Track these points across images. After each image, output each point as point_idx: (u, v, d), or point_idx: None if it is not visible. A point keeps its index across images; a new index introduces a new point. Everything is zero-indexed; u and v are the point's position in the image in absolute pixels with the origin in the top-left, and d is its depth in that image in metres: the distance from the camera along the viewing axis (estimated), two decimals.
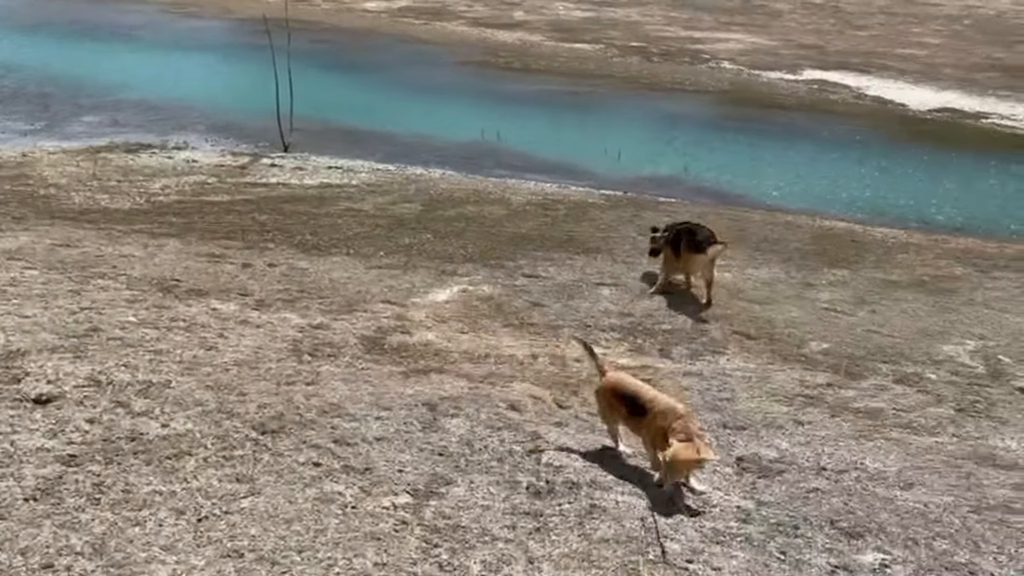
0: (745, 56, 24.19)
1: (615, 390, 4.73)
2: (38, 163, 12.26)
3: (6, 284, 6.65)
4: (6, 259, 7.46)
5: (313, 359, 5.81)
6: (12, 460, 3.97)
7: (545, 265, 9.00)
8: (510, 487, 4.22)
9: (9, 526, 3.47)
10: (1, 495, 3.67)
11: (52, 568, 3.26)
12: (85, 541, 3.43)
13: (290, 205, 11.00)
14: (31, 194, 10.61)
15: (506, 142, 15.77)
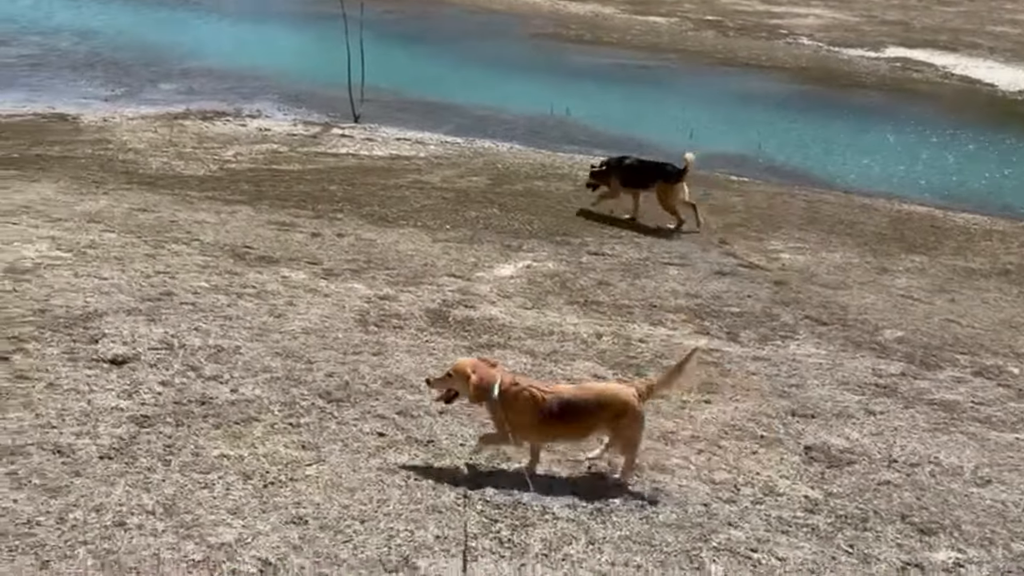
0: (825, 32, 23.48)
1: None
2: (118, 128, 12.57)
3: (86, 246, 6.85)
4: (87, 222, 7.68)
5: (379, 330, 5.85)
6: (89, 418, 4.08)
7: (611, 243, 8.90)
8: (571, 466, 4.20)
9: (85, 483, 3.58)
10: (78, 452, 3.79)
11: (124, 526, 3.35)
12: (156, 501, 3.52)
13: (359, 176, 11.08)
14: (111, 159, 10.89)
15: (575, 116, 15.61)
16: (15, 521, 3.29)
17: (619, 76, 19.26)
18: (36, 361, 4.60)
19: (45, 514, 3.34)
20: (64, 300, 5.54)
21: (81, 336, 5.00)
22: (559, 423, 4.01)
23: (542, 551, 3.51)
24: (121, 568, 3.12)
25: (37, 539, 3.20)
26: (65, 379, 4.43)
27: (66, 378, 4.44)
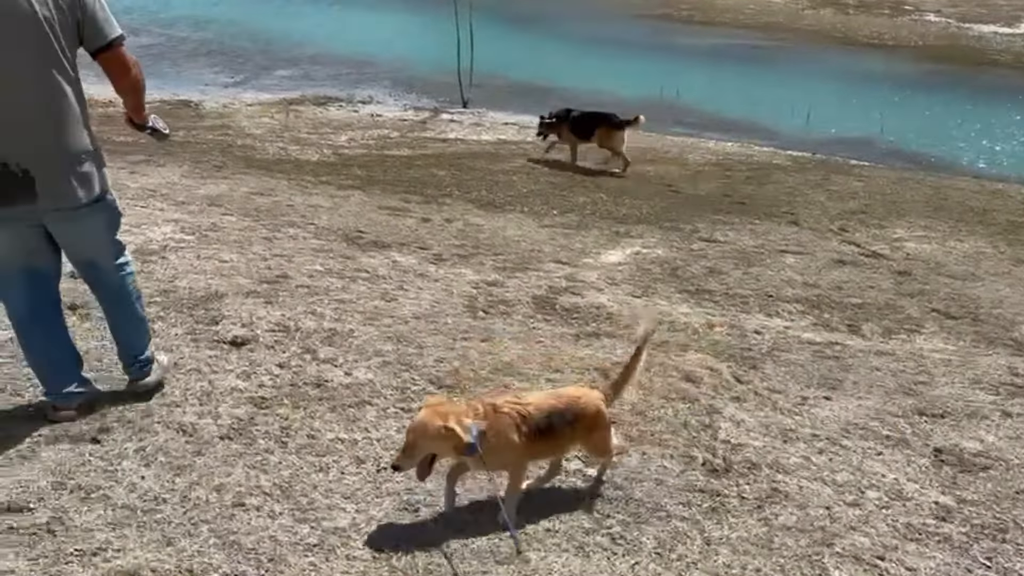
0: (953, 7, 22.19)
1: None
2: (237, 114, 13.02)
3: (207, 229, 7.09)
4: (208, 205, 7.96)
5: (487, 316, 5.83)
6: (210, 399, 4.21)
7: (724, 229, 8.65)
8: (685, 462, 4.07)
9: (206, 462, 3.68)
10: (200, 432, 3.91)
11: (243, 507, 3.43)
12: (273, 483, 3.59)
13: (467, 160, 11.14)
14: (230, 144, 11.29)
15: (685, 99, 15.28)
16: (143, 497, 3.41)
17: (731, 57, 18.74)
18: (161, 341, 4.77)
19: (170, 491, 3.46)
20: (187, 282, 5.74)
21: (203, 317, 5.17)
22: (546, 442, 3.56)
23: (655, 549, 3.41)
24: (240, 548, 3.19)
25: (163, 515, 3.32)
26: (188, 359, 4.58)
27: (189, 358, 4.59)
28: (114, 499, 3.37)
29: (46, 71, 3.32)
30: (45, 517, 3.22)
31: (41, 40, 3.28)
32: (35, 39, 3.27)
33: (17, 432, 3.74)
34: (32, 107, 3.34)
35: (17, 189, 3.36)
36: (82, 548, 3.09)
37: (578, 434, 3.65)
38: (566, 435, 3.62)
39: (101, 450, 3.68)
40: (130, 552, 3.09)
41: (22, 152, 3.33)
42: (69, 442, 3.70)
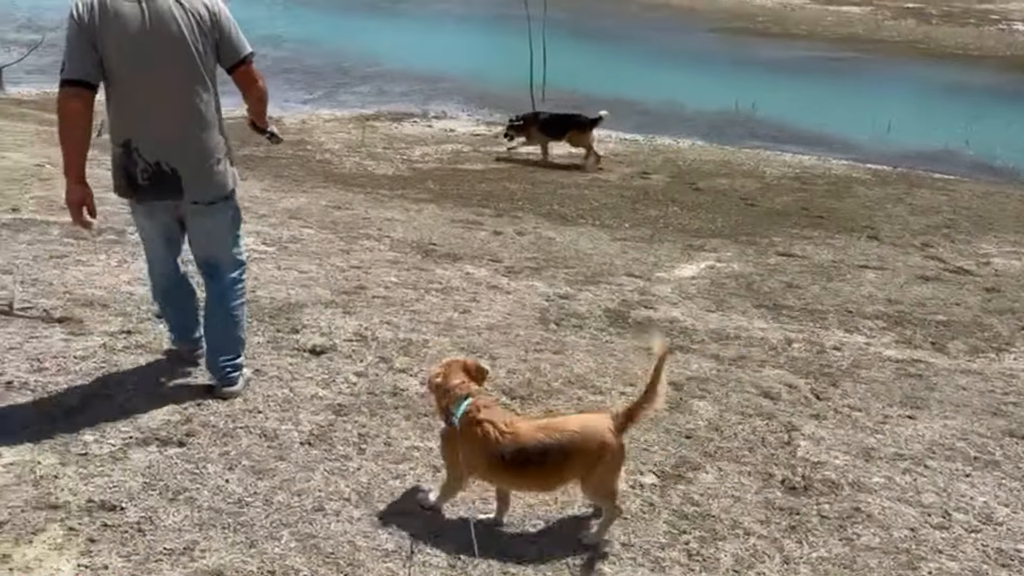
0: None
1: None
2: (315, 130, 13.34)
3: (288, 241, 7.27)
4: (288, 218, 8.17)
5: (559, 328, 5.84)
6: (291, 405, 4.31)
7: (801, 243, 8.49)
8: (763, 479, 4.00)
9: (287, 467, 3.77)
10: (282, 437, 4.00)
11: (323, 511, 3.50)
12: (352, 488, 3.66)
13: (539, 174, 11.19)
14: (309, 159, 11.57)
15: (761, 112, 15.07)
16: (228, 499, 3.51)
17: (809, 69, 18.42)
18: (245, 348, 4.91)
19: (253, 495, 3.55)
20: (268, 292, 5.89)
21: (284, 326, 5.30)
22: (511, 473, 3.31)
23: (734, 567, 3.35)
24: (320, 552, 3.26)
25: (247, 518, 3.40)
26: (270, 367, 4.70)
27: (271, 366, 4.71)
28: (200, 501, 3.47)
29: (192, 87, 3.85)
30: (136, 516, 3.34)
31: (189, 61, 3.82)
32: (184, 60, 3.81)
33: (109, 434, 3.89)
34: (180, 117, 3.87)
35: (167, 185, 3.90)
36: (171, 547, 3.19)
37: (573, 471, 3.30)
38: (553, 473, 3.29)
39: (187, 453, 3.80)
40: (215, 553, 3.18)
41: (171, 154, 3.87)
42: (157, 445, 3.83)
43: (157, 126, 3.83)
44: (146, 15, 3.71)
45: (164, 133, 3.85)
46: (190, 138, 3.89)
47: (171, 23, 3.75)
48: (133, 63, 3.73)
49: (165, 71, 3.79)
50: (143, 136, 3.84)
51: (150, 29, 3.72)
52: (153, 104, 3.81)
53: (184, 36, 3.77)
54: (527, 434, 3.27)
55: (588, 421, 3.36)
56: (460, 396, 3.37)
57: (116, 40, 3.69)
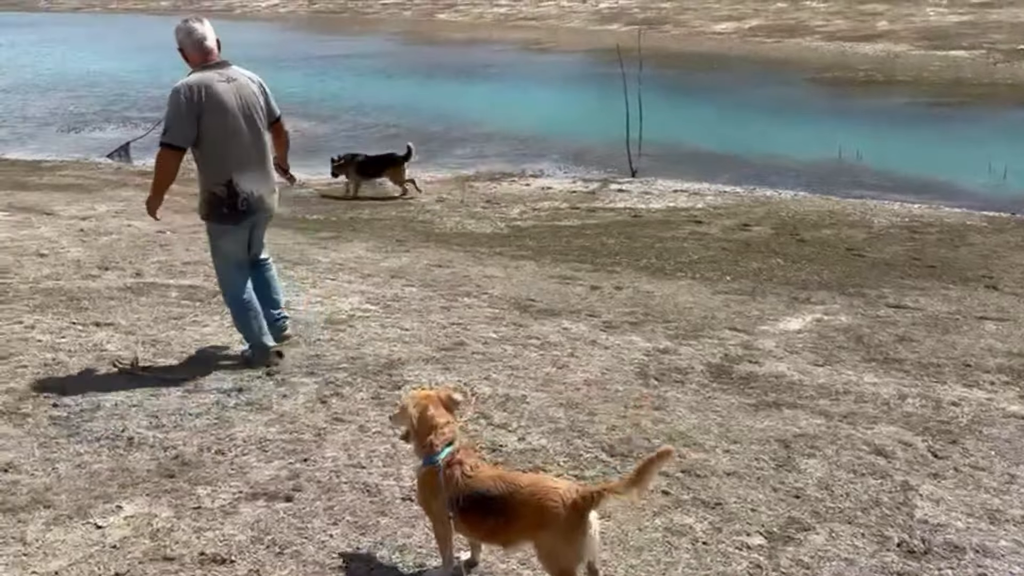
0: None
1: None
2: (417, 192, 13.71)
3: (391, 300, 7.46)
4: (391, 277, 8.39)
5: (659, 383, 5.76)
6: (393, 461, 4.37)
7: (914, 295, 8.15)
8: (878, 542, 3.80)
9: (389, 523, 3.81)
10: (383, 492, 4.06)
11: (423, 568, 3.51)
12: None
13: (637, 229, 11.15)
14: (411, 219, 11.89)
15: (866, 161, 14.69)
16: (331, 554, 3.57)
17: (916, 117, 17.90)
18: (349, 404, 5.04)
19: (356, 550, 3.60)
20: (372, 349, 6.04)
21: (386, 382, 5.41)
22: (464, 522, 3.19)
23: None
24: None
25: (349, 573, 3.46)
26: (373, 422, 4.80)
27: (374, 422, 4.81)
28: (305, 556, 3.54)
29: (262, 136, 5.40)
30: (245, 569, 3.44)
31: (258, 120, 5.34)
32: (256, 119, 5.33)
33: (221, 489, 4.04)
34: (265, 158, 5.45)
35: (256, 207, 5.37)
36: None
37: (518, 530, 3.11)
38: (501, 528, 3.15)
39: (294, 508, 3.90)
40: None
41: (261, 187, 5.38)
42: (265, 500, 3.95)
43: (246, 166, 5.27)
44: (237, 92, 5.19)
45: (250, 172, 5.29)
46: (263, 174, 5.42)
47: (251, 97, 5.26)
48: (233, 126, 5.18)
49: (249, 127, 5.27)
50: (244, 175, 5.24)
51: (239, 103, 5.19)
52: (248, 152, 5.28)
53: (257, 103, 5.30)
54: (480, 481, 3.17)
55: (542, 482, 3.19)
56: (446, 440, 3.29)
57: (218, 111, 5.08)
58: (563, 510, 3.01)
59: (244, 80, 5.23)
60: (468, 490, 3.16)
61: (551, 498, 3.04)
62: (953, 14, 28.56)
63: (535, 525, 3.06)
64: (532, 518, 3.05)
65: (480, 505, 3.13)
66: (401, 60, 29.98)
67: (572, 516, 3.01)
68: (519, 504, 3.08)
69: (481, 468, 3.27)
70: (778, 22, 30.04)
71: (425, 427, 3.33)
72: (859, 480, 4.40)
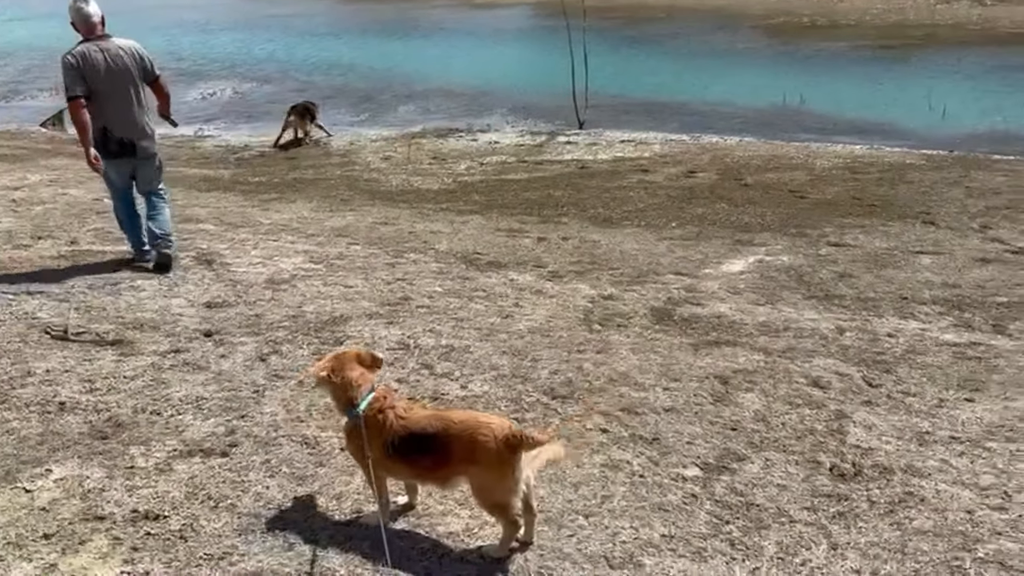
0: None
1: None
2: (362, 150, 13.53)
3: (335, 258, 7.37)
4: (335, 236, 8.29)
5: (603, 328, 5.79)
6: (333, 413, 4.29)
7: (854, 232, 8.27)
8: (811, 467, 3.89)
9: (328, 472, 3.80)
10: (322, 444, 4.04)
11: (361, 513, 3.51)
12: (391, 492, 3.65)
13: (584, 180, 11.13)
14: (356, 178, 11.73)
15: (810, 104, 14.78)
16: (268, 506, 3.55)
17: (858, 60, 18.02)
18: (289, 362, 4.99)
19: (293, 500, 3.59)
20: (314, 307, 5.98)
21: (328, 339, 5.37)
22: (403, 462, 3.21)
23: (778, 554, 3.26)
24: (358, 552, 3.27)
25: (286, 522, 3.44)
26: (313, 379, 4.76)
27: None
28: (241, 507, 3.53)
29: (139, 93, 6.60)
30: (178, 524, 3.41)
31: (136, 78, 6.53)
32: (134, 78, 6.52)
33: (156, 448, 3.99)
34: (134, 111, 6.57)
35: (127, 149, 6.57)
36: (210, 552, 3.24)
37: (454, 465, 3.13)
38: (439, 464, 3.15)
39: (230, 463, 3.86)
40: (255, 556, 3.23)
41: (131, 132, 6.56)
42: (201, 456, 3.91)
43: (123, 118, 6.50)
44: (108, 59, 6.35)
45: (127, 121, 6.52)
46: (139, 122, 6.59)
47: (121, 61, 6.40)
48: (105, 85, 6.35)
49: (126, 86, 6.46)
50: (115, 124, 6.46)
51: (112, 67, 6.36)
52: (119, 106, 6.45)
53: (133, 66, 6.47)
54: (416, 421, 3.18)
55: (475, 417, 3.20)
56: (365, 389, 3.27)
57: (94, 74, 6.28)
58: (495, 444, 3.04)
59: (116, 50, 6.41)
60: (403, 431, 3.17)
61: (483, 432, 3.07)
62: None
63: (468, 459, 3.08)
64: (465, 453, 3.08)
65: (415, 444, 3.14)
66: (343, 19, 29.37)
67: (504, 451, 3.04)
68: (452, 439, 3.10)
69: (414, 409, 3.27)
70: None
71: (341, 386, 3.29)
72: (795, 411, 4.48)
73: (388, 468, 3.26)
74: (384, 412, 3.22)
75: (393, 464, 3.23)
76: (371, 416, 3.22)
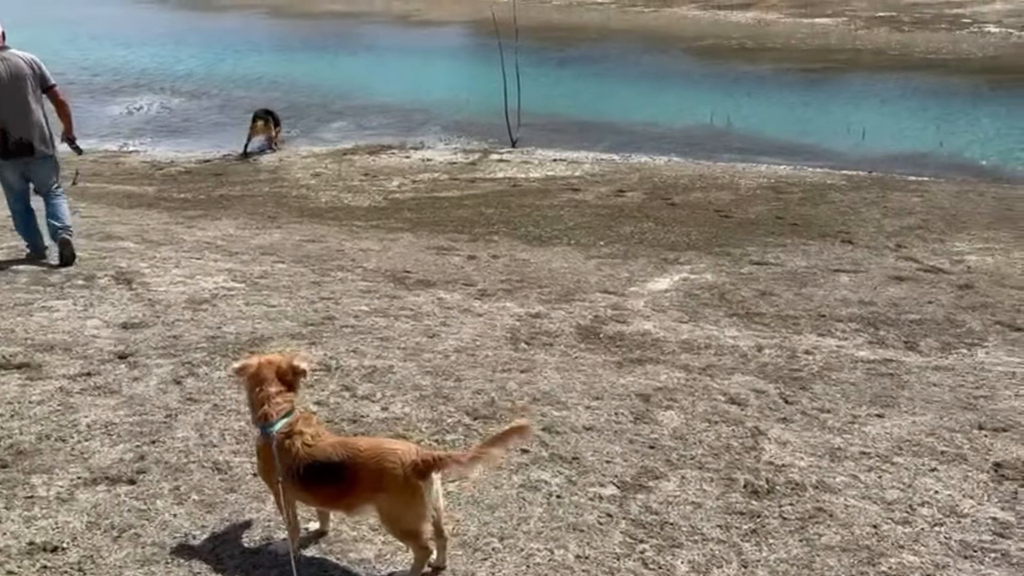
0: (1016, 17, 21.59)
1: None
2: (292, 167, 13.37)
3: (258, 276, 7.25)
4: (260, 254, 8.16)
5: (529, 347, 5.80)
6: (247, 437, 4.21)
7: (776, 251, 8.48)
8: (725, 484, 3.94)
9: (238, 499, 3.71)
10: (234, 469, 3.94)
11: (270, 541, 3.43)
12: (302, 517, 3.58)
13: (515, 198, 11.19)
14: (285, 195, 11.58)
15: (736, 126, 15.14)
16: (174, 535, 3.45)
17: (783, 82, 18.55)
18: (204, 384, 4.87)
19: (201, 528, 3.49)
20: (235, 327, 5.86)
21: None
22: (305, 490, 3.15)
23: (689, 573, 3.29)
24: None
25: (191, 551, 3.35)
26: (229, 400, 4.65)
27: (230, 399, 4.66)
28: (145, 537, 3.41)
29: (35, 99, 7.13)
30: (77, 556, 3.28)
31: (31, 85, 7.08)
32: (30, 85, 7.07)
33: (59, 476, 3.84)
34: (30, 114, 7.08)
35: (24, 149, 7.08)
36: None
37: (360, 494, 3.07)
38: (343, 493, 3.09)
39: (136, 490, 3.74)
40: None
41: (28, 133, 7.06)
42: (106, 484, 3.78)
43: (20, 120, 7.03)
44: (7, 67, 6.97)
45: (24, 123, 7.05)
46: (34, 124, 7.10)
47: (17, 71, 7.00)
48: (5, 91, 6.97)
49: (23, 92, 7.03)
50: (12, 125, 7.02)
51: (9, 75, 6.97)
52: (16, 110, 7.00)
53: (29, 74, 7.05)
54: (321, 449, 3.11)
55: (381, 444, 3.14)
56: (282, 412, 3.18)
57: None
58: (402, 471, 3.00)
59: (15, 59, 7.01)
60: (309, 459, 3.10)
61: (389, 460, 3.02)
62: None
63: (374, 487, 3.03)
64: (371, 481, 3.03)
65: (320, 473, 3.08)
66: (276, 34, 29.08)
67: (411, 478, 3.00)
68: (359, 467, 3.05)
69: (322, 436, 3.20)
70: None
71: (258, 397, 3.22)
72: (712, 428, 4.55)
73: (295, 494, 3.19)
74: (292, 437, 3.15)
75: (299, 491, 3.16)
76: (280, 440, 3.14)
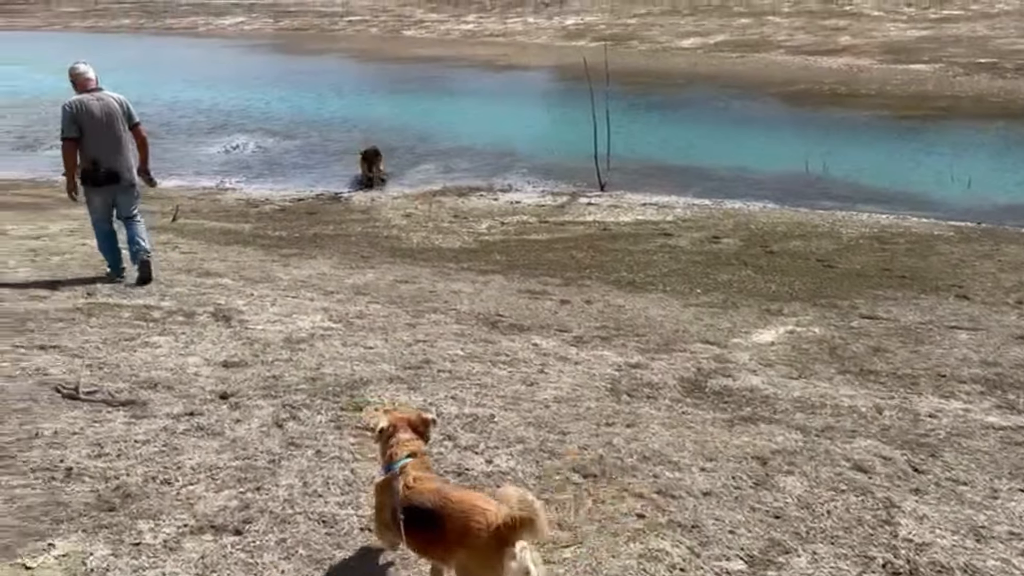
0: None
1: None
2: (383, 207, 13.48)
3: (354, 316, 7.21)
4: (355, 294, 8.14)
5: (632, 400, 5.57)
6: (352, 488, 4.13)
7: (886, 305, 8.06)
8: (862, 563, 3.63)
9: (346, 556, 3.57)
10: (340, 523, 3.81)
11: None
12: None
13: (606, 242, 11.00)
14: (377, 235, 11.63)
15: (833, 173, 14.68)
16: None
17: (880, 129, 17.98)
18: (306, 428, 4.79)
19: None
20: (333, 368, 5.79)
21: (348, 404, 5.16)
22: (405, 532, 3.09)
23: None
24: None
25: None
26: (332, 447, 4.55)
27: (333, 446, 4.56)
28: None
29: (124, 133, 7.89)
30: None
31: (121, 123, 7.86)
32: (120, 123, 7.85)
33: (165, 522, 3.77)
34: (120, 148, 7.88)
35: (112, 178, 7.85)
36: None
37: (446, 545, 2.98)
38: (429, 539, 3.03)
39: (243, 541, 3.64)
40: None
41: (117, 165, 7.87)
42: (212, 533, 3.69)
43: (110, 151, 7.81)
44: (101, 106, 7.73)
45: (113, 155, 7.81)
46: (122, 157, 7.88)
47: (110, 109, 7.77)
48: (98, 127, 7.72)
49: (115, 126, 7.79)
50: (105, 158, 7.77)
51: (104, 113, 7.74)
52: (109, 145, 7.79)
53: (119, 111, 7.81)
54: (419, 492, 3.10)
55: (472, 500, 3.02)
56: (404, 452, 3.27)
57: (89, 118, 7.67)
58: (486, 532, 2.86)
59: (108, 99, 7.82)
60: (406, 502, 3.09)
61: (475, 518, 2.91)
62: (913, 29, 28.95)
63: (457, 542, 2.93)
64: (456, 535, 2.94)
65: (415, 517, 3.05)
66: (367, 77, 29.74)
67: (493, 540, 2.84)
68: (446, 518, 2.98)
69: (423, 480, 3.16)
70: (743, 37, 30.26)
71: (391, 449, 3.29)
72: (840, 497, 4.23)
73: (397, 535, 3.16)
74: (399, 477, 3.16)
75: (399, 531, 3.12)
76: (390, 478, 3.19)
